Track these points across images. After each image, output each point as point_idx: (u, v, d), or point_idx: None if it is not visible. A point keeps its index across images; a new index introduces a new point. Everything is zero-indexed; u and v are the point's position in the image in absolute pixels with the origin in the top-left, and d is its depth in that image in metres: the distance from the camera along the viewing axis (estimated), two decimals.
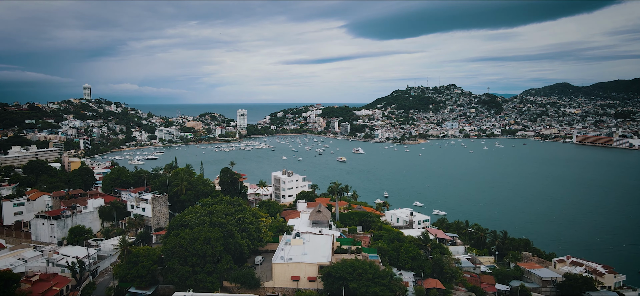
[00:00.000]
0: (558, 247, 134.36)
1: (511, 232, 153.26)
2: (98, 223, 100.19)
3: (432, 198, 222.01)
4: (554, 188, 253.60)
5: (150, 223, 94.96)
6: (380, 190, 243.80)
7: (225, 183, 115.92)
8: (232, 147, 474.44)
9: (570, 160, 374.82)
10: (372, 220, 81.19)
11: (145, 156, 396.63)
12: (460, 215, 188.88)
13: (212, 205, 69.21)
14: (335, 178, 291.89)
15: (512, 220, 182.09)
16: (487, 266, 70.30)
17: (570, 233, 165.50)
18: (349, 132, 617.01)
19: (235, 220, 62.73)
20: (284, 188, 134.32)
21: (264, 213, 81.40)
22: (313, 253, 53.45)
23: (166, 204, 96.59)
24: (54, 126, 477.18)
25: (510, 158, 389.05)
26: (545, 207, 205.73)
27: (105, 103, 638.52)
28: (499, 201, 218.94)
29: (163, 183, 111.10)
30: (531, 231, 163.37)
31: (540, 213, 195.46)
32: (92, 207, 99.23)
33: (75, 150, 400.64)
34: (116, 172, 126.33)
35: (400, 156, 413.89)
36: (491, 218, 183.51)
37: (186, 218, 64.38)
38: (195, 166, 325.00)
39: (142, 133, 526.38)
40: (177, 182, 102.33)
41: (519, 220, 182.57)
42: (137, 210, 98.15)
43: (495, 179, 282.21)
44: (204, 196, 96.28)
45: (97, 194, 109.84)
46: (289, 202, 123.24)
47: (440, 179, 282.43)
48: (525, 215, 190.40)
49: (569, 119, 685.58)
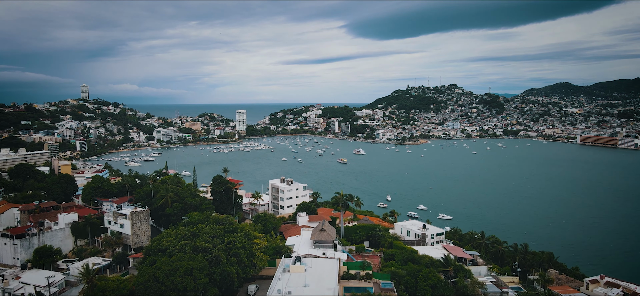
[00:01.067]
0: (576, 258, 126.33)
1: (524, 239, 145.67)
2: (70, 241, 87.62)
3: (437, 202, 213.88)
4: (561, 190, 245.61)
5: (130, 242, 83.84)
6: (382, 193, 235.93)
7: (217, 193, 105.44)
8: (231, 148, 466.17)
9: (576, 161, 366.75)
10: (381, 234, 72.88)
11: (143, 157, 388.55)
12: (467, 219, 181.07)
13: (197, 225, 60.50)
14: (336, 180, 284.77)
15: (522, 225, 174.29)
16: (513, 289, 62.17)
17: (583, 240, 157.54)
18: (350, 132, 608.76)
19: (224, 244, 54.25)
20: (283, 198, 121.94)
21: (259, 232, 71.55)
22: (316, 283, 45.11)
23: (148, 219, 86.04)
24: (50, 127, 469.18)
25: (514, 159, 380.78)
26: (554, 211, 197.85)
27: (103, 104, 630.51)
28: (506, 204, 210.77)
29: (147, 193, 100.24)
30: (544, 237, 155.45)
31: (549, 217, 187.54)
32: (64, 223, 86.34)
33: (71, 151, 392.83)
34: (97, 181, 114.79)
35: (402, 157, 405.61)
36: (501, 223, 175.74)
37: (164, 242, 55.08)
38: (191, 167, 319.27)
39: (140, 134, 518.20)
40: (163, 193, 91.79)
41: (529, 225, 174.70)
42: (114, 227, 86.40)
43: (500, 181, 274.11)
44: (193, 209, 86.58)
45: (72, 207, 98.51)
46: (289, 213, 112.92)
47: (444, 181, 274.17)
48: (534, 219, 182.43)
49: (572, 119, 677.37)
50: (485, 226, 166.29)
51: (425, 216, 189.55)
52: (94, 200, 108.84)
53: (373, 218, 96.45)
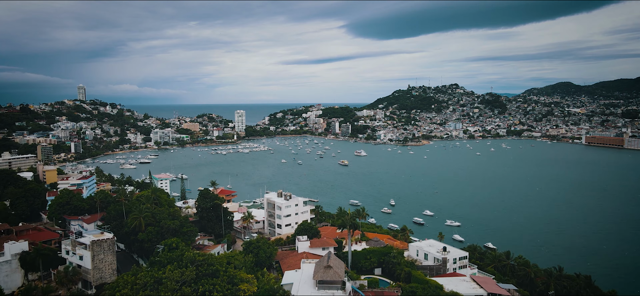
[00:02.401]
0: (609, 276, 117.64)
1: (543, 251, 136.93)
2: (19, 276, 70.92)
3: (443, 206, 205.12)
4: (572, 194, 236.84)
5: (90, 277, 67.93)
6: (385, 197, 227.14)
7: (204, 210, 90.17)
8: (229, 150, 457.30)
9: (583, 162, 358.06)
10: (396, 260, 62.32)
11: (139, 159, 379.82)
12: (476, 226, 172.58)
13: (164, 268, 47.14)
14: (337, 183, 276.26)
15: (536, 233, 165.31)
16: None
17: (607, 251, 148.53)
18: (350, 133, 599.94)
19: (198, 294, 43.49)
20: (280, 215, 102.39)
21: (250, 264, 59.56)
22: None
23: (113, 249, 69.99)
24: (45, 128, 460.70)
25: (519, 160, 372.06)
26: (568, 216, 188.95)
27: (100, 105, 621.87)
28: (516, 208, 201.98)
29: (120, 213, 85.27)
30: (562, 247, 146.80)
31: (563, 222, 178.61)
32: (10, 254, 68.98)
33: (66, 153, 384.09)
34: (66, 195, 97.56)
35: (405, 158, 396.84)
36: (514, 231, 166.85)
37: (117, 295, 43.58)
38: (187, 169, 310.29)
39: (137, 136, 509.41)
40: (136, 214, 76.38)
41: (544, 233, 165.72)
42: (73, 258, 70.19)
43: (507, 184, 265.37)
44: (172, 234, 71.16)
45: (28, 230, 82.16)
46: (287, 233, 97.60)
47: (449, 184, 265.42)
48: (548, 226, 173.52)
49: (575, 119, 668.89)
50: (496, 235, 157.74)
51: (431, 221, 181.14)
52: (62, 219, 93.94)
53: (382, 235, 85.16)
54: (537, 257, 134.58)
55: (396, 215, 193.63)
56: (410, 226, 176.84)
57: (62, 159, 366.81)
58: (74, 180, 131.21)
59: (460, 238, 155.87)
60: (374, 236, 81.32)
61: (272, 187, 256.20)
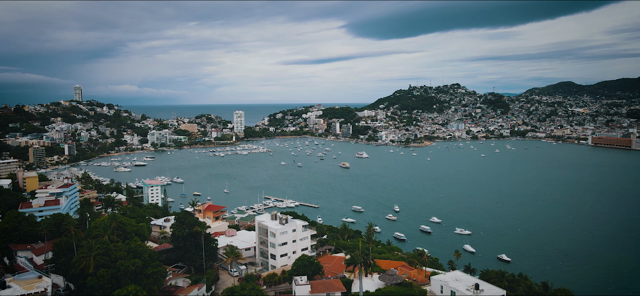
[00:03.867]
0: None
1: (560, 267, 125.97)
2: None
3: (451, 213, 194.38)
4: (587, 198, 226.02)
5: None
6: (389, 202, 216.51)
7: (180, 239, 71.59)
8: (227, 151, 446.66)
9: (591, 164, 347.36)
10: None
11: (134, 162, 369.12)
12: (487, 235, 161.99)
13: None
14: (339, 187, 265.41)
15: (551, 244, 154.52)
16: None
17: (623, 260, 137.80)
18: (351, 134, 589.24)
19: None
20: (275, 243, 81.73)
21: None
22: None
23: None
24: (39, 130, 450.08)
25: (525, 162, 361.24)
26: (583, 225, 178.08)
27: (96, 105, 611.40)
28: (526, 215, 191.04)
29: (69, 246, 66.38)
30: (583, 260, 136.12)
31: (579, 232, 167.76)
32: None
33: (59, 156, 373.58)
34: (13, 219, 78.15)
35: (407, 160, 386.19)
36: (525, 241, 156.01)
37: None
38: (183, 172, 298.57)
39: (134, 137, 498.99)
40: (84, 253, 57.50)
41: (559, 243, 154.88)
42: None
43: (516, 187, 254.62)
44: (131, 279, 54.01)
45: None
46: (282, 266, 78.52)
47: (455, 188, 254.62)
48: (563, 234, 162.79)
49: (579, 119, 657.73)
50: (509, 245, 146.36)
51: (439, 229, 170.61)
52: (7, 248, 76.52)
53: (395, 262, 71.34)
54: (559, 274, 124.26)
55: (401, 222, 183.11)
56: (417, 234, 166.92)
57: (54, 162, 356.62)
58: (53, 188, 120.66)
59: (471, 248, 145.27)
60: (387, 265, 69.61)
61: (271, 191, 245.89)
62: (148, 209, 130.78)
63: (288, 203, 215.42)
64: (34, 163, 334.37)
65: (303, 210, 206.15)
